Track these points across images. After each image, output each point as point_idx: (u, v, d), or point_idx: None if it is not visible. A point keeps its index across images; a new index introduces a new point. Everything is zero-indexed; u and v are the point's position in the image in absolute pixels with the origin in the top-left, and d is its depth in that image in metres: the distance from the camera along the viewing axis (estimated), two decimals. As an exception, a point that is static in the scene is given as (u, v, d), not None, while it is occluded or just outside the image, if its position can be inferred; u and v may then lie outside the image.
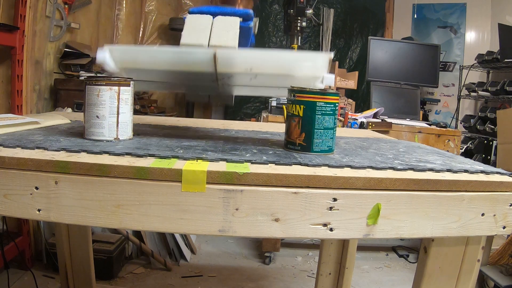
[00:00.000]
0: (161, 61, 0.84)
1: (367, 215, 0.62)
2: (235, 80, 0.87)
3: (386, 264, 2.44)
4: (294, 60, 0.84)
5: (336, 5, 3.87)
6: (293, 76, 0.82)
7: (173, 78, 0.90)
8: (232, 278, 2.14)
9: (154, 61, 0.84)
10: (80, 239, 1.48)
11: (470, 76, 3.54)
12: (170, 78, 0.91)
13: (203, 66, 0.81)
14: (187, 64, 0.83)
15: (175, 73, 0.88)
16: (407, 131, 2.35)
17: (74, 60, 2.46)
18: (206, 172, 0.60)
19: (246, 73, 0.83)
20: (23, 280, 1.90)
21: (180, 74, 0.87)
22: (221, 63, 0.80)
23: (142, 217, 0.60)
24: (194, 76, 0.87)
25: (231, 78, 0.86)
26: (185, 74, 0.87)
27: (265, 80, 0.86)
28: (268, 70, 0.83)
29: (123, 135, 0.78)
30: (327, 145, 0.77)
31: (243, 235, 0.61)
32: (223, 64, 0.80)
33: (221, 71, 0.83)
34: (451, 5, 3.82)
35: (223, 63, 0.80)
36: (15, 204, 0.61)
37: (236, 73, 0.84)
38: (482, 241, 0.73)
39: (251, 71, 0.82)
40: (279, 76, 0.85)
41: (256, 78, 0.84)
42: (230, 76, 0.85)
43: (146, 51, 0.86)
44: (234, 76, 0.85)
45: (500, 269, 1.91)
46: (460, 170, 0.70)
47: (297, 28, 3.10)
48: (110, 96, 0.75)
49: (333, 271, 1.54)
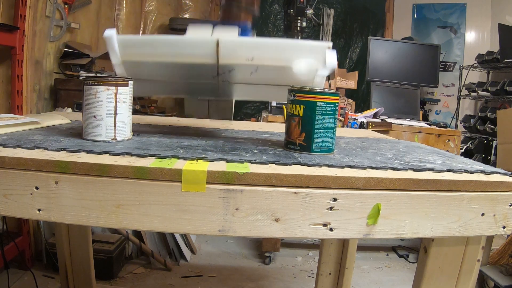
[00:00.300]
0: (163, 51, 0.84)
1: (367, 215, 0.62)
2: (235, 75, 0.86)
3: (386, 264, 2.44)
4: (293, 47, 0.84)
5: (336, 5, 3.87)
6: (293, 69, 0.83)
7: (173, 75, 0.89)
8: (232, 278, 2.14)
9: (156, 50, 0.84)
10: (80, 239, 1.48)
11: (470, 76, 3.54)
12: (170, 74, 0.90)
13: (206, 56, 0.82)
14: (189, 54, 0.83)
15: (176, 68, 0.87)
16: (407, 131, 2.35)
17: (74, 60, 2.46)
18: (206, 172, 0.60)
19: (247, 65, 0.83)
20: (23, 280, 1.90)
21: (181, 68, 0.86)
22: (223, 52, 0.81)
23: (142, 217, 0.60)
24: (195, 71, 0.87)
25: (232, 73, 0.86)
26: (186, 68, 0.86)
27: (265, 75, 0.86)
28: (268, 60, 0.83)
29: (121, 135, 0.78)
30: (327, 145, 0.77)
31: (243, 235, 0.61)
32: (225, 53, 0.81)
33: (223, 63, 0.83)
34: (451, 5, 3.82)
35: (225, 52, 0.81)
36: (15, 204, 0.61)
37: (237, 64, 0.84)
38: (482, 241, 0.73)
39: (252, 61, 0.82)
40: (279, 70, 0.85)
41: (256, 71, 0.85)
42: (231, 70, 0.85)
43: (149, 39, 0.87)
44: (235, 70, 0.85)
45: (500, 269, 1.91)
46: (460, 170, 0.70)
47: (297, 28, 3.10)
48: (107, 96, 0.75)
49: (333, 271, 1.54)
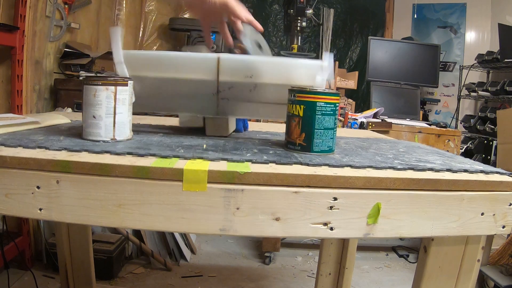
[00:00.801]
0: (167, 65, 0.88)
1: (367, 214, 0.63)
2: (235, 92, 0.89)
3: (386, 264, 2.44)
4: (292, 66, 0.89)
5: (336, 5, 3.87)
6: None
7: (174, 92, 0.91)
8: (232, 278, 2.14)
9: (160, 66, 0.88)
10: (80, 239, 1.48)
11: (470, 76, 3.54)
12: (171, 92, 0.91)
13: (207, 73, 0.86)
14: (191, 71, 0.87)
15: (177, 84, 0.89)
16: (407, 131, 2.35)
17: (74, 60, 2.46)
18: (207, 171, 0.60)
19: (246, 83, 0.87)
20: (23, 280, 1.90)
21: (183, 84, 0.89)
22: (223, 68, 0.86)
23: (143, 216, 0.60)
24: (195, 88, 0.90)
25: (232, 90, 0.89)
26: (187, 84, 0.89)
27: (264, 93, 0.89)
28: (267, 77, 0.87)
29: (120, 135, 0.78)
30: (327, 146, 0.77)
31: (244, 234, 0.62)
32: (226, 69, 0.86)
33: (223, 79, 0.87)
34: (451, 5, 3.82)
35: (225, 68, 0.86)
36: (17, 203, 0.61)
37: (237, 82, 0.88)
38: (482, 241, 0.73)
39: (251, 78, 0.87)
40: (278, 87, 0.87)
41: (255, 89, 0.88)
42: (231, 87, 0.88)
43: (152, 55, 0.91)
44: (235, 87, 0.88)
45: (500, 269, 1.91)
46: (460, 170, 0.70)
47: (297, 28, 3.11)
48: (106, 96, 0.74)
49: (333, 271, 1.54)
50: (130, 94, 0.78)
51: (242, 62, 0.88)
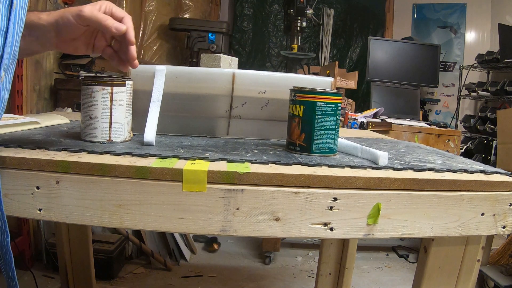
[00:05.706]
0: (184, 80, 0.89)
1: (367, 214, 0.63)
2: (247, 109, 0.92)
3: (386, 264, 2.44)
4: (305, 81, 0.90)
5: (336, 5, 3.87)
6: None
7: (187, 109, 0.91)
8: (232, 278, 2.14)
9: (178, 81, 0.88)
10: (80, 239, 1.48)
11: (470, 76, 3.54)
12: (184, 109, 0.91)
13: (221, 88, 0.90)
14: (206, 86, 0.89)
15: (191, 100, 0.90)
16: (407, 131, 2.35)
17: (74, 60, 2.46)
18: (207, 172, 0.60)
19: (260, 98, 0.91)
20: (23, 280, 1.90)
21: (196, 100, 0.91)
22: (238, 83, 0.89)
23: (143, 216, 0.60)
24: (209, 104, 0.91)
25: (244, 106, 0.92)
26: (201, 100, 0.91)
27: (276, 110, 0.92)
28: (279, 93, 0.90)
29: (117, 137, 0.76)
30: (328, 146, 0.76)
31: (244, 235, 0.62)
32: (240, 84, 0.89)
33: (237, 95, 0.90)
34: (451, 5, 3.82)
35: (240, 83, 0.89)
36: (16, 203, 0.61)
37: (251, 97, 0.91)
38: (482, 241, 0.73)
39: (265, 94, 0.91)
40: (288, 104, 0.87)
41: (268, 105, 0.92)
42: (244, 104, 0.91)
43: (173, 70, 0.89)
44: (248, 104, 0.91)
45: (500, 269, 1.91)
46: (460, 170, 0.70)
47: (297, 28, 3.11)
48: (102, 97, 0.74)
49: (333, 271, 1.54)
50: (128, 95, 0.78)
51: (256, 78, 0.91)
